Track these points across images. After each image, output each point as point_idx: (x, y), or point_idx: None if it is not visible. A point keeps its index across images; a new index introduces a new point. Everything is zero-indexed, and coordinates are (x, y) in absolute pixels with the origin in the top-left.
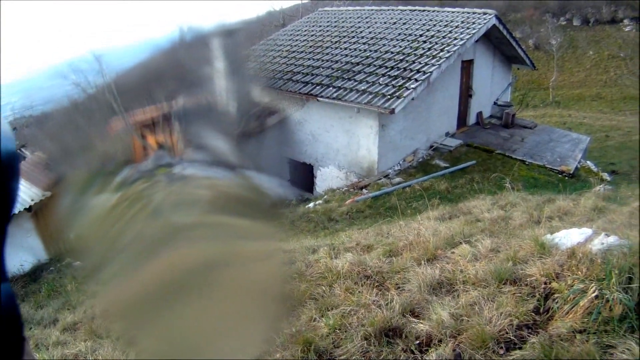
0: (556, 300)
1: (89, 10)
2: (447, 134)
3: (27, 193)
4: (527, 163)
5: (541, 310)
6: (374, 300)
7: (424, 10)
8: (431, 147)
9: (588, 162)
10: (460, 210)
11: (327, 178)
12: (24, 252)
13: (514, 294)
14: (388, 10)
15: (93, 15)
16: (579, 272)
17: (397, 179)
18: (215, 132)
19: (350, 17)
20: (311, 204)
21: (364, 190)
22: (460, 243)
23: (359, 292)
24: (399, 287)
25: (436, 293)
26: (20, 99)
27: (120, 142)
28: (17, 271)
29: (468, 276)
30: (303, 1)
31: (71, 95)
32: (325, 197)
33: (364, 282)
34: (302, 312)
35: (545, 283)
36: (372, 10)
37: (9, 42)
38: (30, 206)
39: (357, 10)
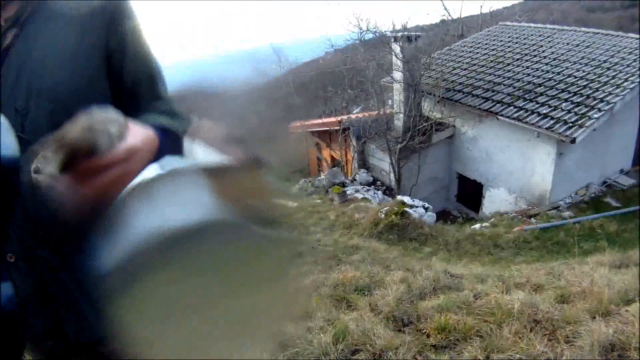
0: None
1: (271, 4)
2: (621, 171)
3: (191, 152)
4: None
5: None
6: (542, 351)
7: (607, 35)
8: (604, 183)
9: None
10: (630, 259)
11: (496, 200)
12: (179, 206)
13: None
14: (570, 30)
15: (274, 9)
16: None
17: (567, 213)
18: (382, 150)
19: (532, 35)
20: (477, 225)
21: (533, 220)
22: (635, 300)
23: (529, 338)
24: (569, 341)
25: (607, 356)
26: (193, 76)
27: (299, 145)
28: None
29: None
30: (482, 12)
31: (251, 81)
32: (492, 220)
33: (534, 327)
34: (466, 349)
35: None
36: (554, 29)
37: (185, 27)
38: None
39: (538, 27)
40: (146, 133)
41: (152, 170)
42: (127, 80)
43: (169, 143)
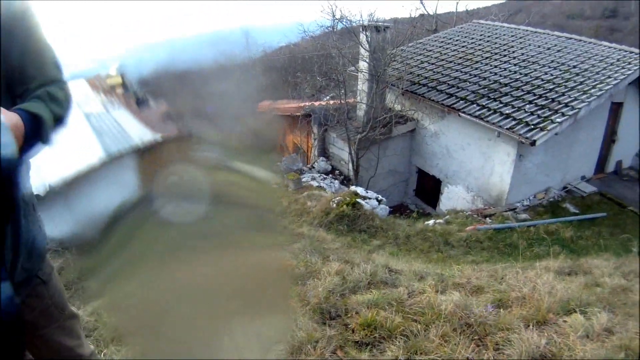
0: None
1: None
2: (582, 178)
3: (138, 134)
4: None
5: None
6: (467, 358)
7: (580, 40)
8: (564, 188)
9: None
10: (580, 267)
11: (454, 197)
12: (117, 187)
13: None
14: (543, 33)
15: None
16: None
17: (524, 215)
18: (342, 140)
19: (504, 34)
20: (431, 222)
21: (488, 220)
22: (575, 311)
23: (455, 343)
24: (498, 349)
25: None
26: (165, 57)
27: (265, 126)
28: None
29: (574, 357)
30: (457, 10)
31: (219, 61)
32: (447, 217)
33: (464, 331)
34: (389, 348)
35: None
36: (527, 30)
37: (157, 8)
38: (138, 147)
39: (511, 28)
40: (12, 119)
41: (96, 156)
42: (15, 60)
43: (35, 129)
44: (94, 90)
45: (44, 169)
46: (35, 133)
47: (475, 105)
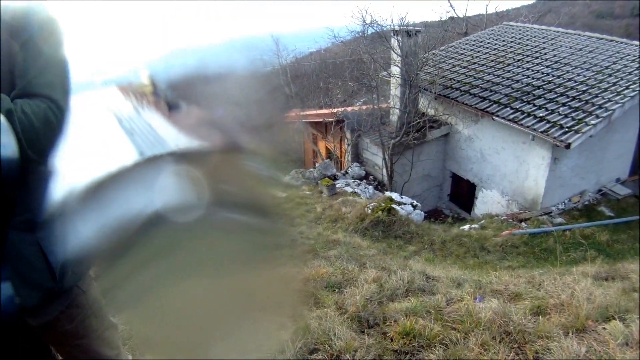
0: None
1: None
2: (617, 180)
3: (172, 139)
4: None
5: None
6: None
7: (611, 40)
8: (599, 191)
9: None
10: (617, 272)
11: (488, 202)
12: (153, 193)
13: None
14: (574, 34)
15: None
16: None
17: (559, 219)
18: (376, 145)
19: (535, 36)
20: (466, 227)
21: (523, 224)
22: (614, 318)
23: (495, 351)
24: (538, 357)
25: None
26: (194, 63)
27: (295, 134)
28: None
29: None
30: (487, 12)
31: (250, 68)
32: (482, 221)
33: (503, 339)
34: (427, 357)
35: None
36: (558, 31)
37: (188, 14)
38: (173, 151)
39: (542, 29)
40: None
41: (131, 157)
42: (17, 68)
43: None
44: (125, 96)
45: (73, 172)
46: None
47: (508, 109)
